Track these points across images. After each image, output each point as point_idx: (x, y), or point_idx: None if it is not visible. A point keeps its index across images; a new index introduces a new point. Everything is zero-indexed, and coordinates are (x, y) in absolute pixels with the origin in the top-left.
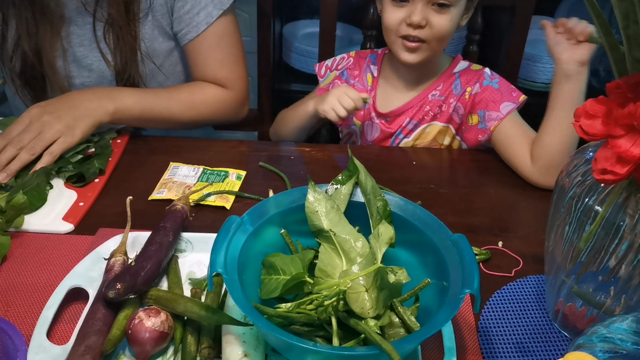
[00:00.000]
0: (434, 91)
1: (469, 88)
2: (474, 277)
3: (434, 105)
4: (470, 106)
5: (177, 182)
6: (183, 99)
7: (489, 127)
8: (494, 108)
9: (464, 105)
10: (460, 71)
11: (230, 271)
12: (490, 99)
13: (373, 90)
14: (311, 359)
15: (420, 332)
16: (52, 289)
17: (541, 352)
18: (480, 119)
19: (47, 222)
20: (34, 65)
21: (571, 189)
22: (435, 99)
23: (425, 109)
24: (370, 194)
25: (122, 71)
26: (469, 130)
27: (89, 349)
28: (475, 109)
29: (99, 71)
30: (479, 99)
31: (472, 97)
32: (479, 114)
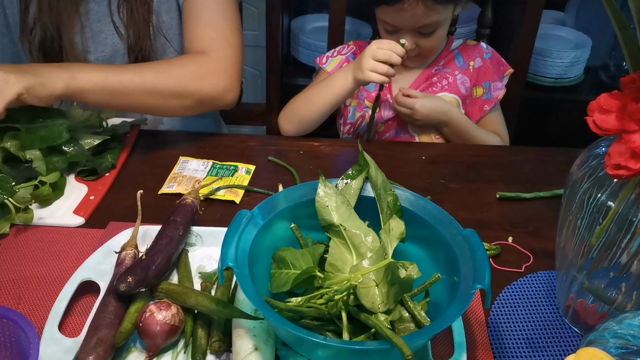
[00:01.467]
0: (435, 67)
1: (471, 62)
2: (485, 272)
3: (440, 78)
4: (475, 79)
5: (187, 176)
6: (156, 65)
7: (495, 96)
8: (496, 79)
9: (470, 78)
10: (457, 47)
11: (241, 265)
12: (491, 71)
13: None
14: (322, 353)
15: (431, 327)
16: (63, 282)
17: (551, 347)
18: (486, 90)
19: (58, 216)
20: (53, 38)
21: (583, 184)
22: (440, 71)
23: (432, 80)
24: (380, 189)
25: (135, 44)
26: (474, 103)
27: (100, 342)
28: (479, 81)
29: (112, 45)
30: (484, 71)
31: (476, 70)
32: (483, 86)
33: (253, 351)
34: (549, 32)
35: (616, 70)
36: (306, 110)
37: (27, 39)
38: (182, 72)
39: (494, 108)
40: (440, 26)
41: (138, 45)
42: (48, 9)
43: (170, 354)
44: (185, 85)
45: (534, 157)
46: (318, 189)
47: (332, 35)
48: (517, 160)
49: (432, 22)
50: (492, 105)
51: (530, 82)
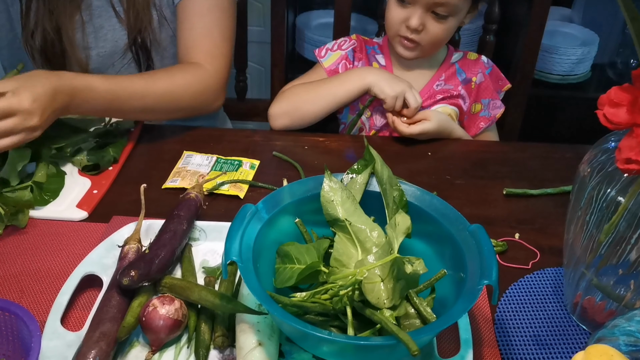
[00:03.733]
0: (437, 81)
1: (474, 78)
2: (492, 268)
3: (443, 92)
4: (475, 95)
5: (191, 170)
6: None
7: (493, 114)
8: (495, 97)
9: (469, 94)
10: (458, 61)
11: (245, 259)
12: (491, 88)
13: None
14: (326, 348)
15: (437, 324)
16: (66, 275)
17: (559, 345)
18: (484, 107)
19: (61, 210)
20: (54, 42)
21: (592, 179)
22: (441, 88)
23: (436, 98)
24: (386, 184)
25: (136, 31)
26: (471, 119)
27: (103, 336)
28: (479, 97)
29: (113, 41)
30: (484, 88)
31: (477, 86)
32: (482, 103)
33: (257, 346)
34: (556, 28)
35: (623, 67)
36: (312, 105)
37: (28, 43)
38: (183, 93)
39: (489, 127)
40: (455, 14)
41: (137, 27)
42: (48, 13)
43: (173, 348)
44: (183, 105)
45: (541, 153)
46: (323, 184)
47: (337, 31)
48: (524, 156)
49: (450, 2)
50: (488, 124)
51: (537, 79)
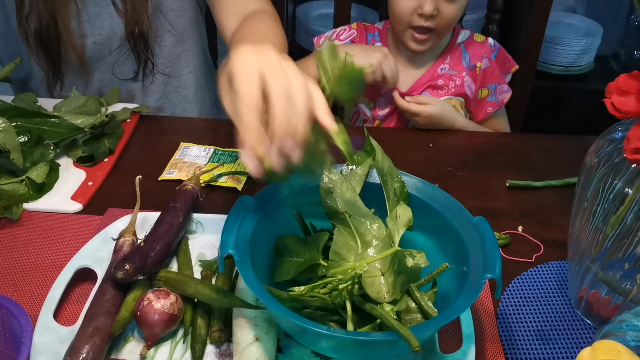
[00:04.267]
0: (442, 64)
1: (478, 63)
2: (496, 262)
3: (447, 79)
4: (481, 81)
5: (188, 162)
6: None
7: (500, 99)
8: (502, 81)
9: (475, 79)
10: (464, 42)
11: (241, 253)
12: (498, 72)
13: None
14: (325, 344)
15: (439, 319)
16: (59, 269)
17: (563, 340)
18: (491, 92)
19: (56, 202)
20: (49, 26)
21: (599, 170)
22: (445, 72)
23: (438, 84)
24: (387, 175)
25: (132, 18)
26: (478, 104)
27: (97, 331)
28: (485, 82)
29: (109, 28)
30: (490, 73)
31: (482, 72)
32: (489, 88)
33: (254, 341)
34: (560, 19)
35: (627, 58)
36: None
37: (23, 27)
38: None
39: (498, 111)
40: None
41: (134, 18)
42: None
43: (168, 343)
44: None
45: (544, 145)
46: (323, 175)
47: (337, 22)
48: (528, 148)
49: None
50: (496, 108)
51: (540, 71)
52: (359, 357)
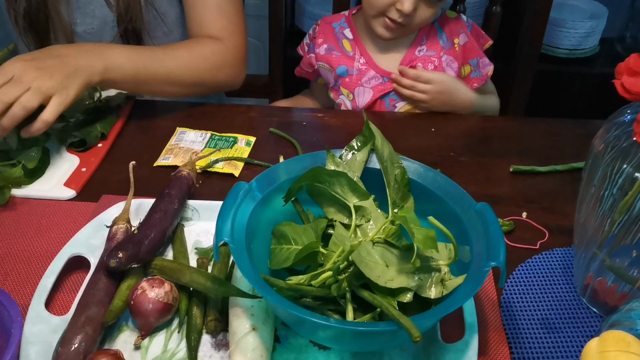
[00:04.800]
0: (419, 47)
1: (456, 40)
2: (500, 249)
3: (425, 61)
4: (461, 57)
5: (184, 148)
6: (180, 55)
7: (484, 73)
8: (482, 54)
9: (455, 57)
10: (438, 19)
11: (237, 240)
12: (476, 46)
13: (356, 53)
14: (323, 334)
15: (441, 308)
16: (52, 257)
17: (568, 328)
18: (474, 68)
19: (48, 188)
20: (38, 6)
21: (607, 155)
22: (424, 54)
23: (418, 67)
24: (387, 161)
25: (125, 14)
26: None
27: (89, 320)
28: (466, 59)
29: (101, 17)
30: (469, 48)
31: (462, 47)
32: (471, 64)
33: (250, 331)
34: (564, 1)
35: (632, 42)
36: None
37: (12, 7)
38: (203, 64)
39: (485, 85)
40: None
41: (128, 15)
42: None
43: (163, 333)
44: (204, 77)
45: (548, 129)
46: (327, 165)
47: (337, 4)
48: (531, 132)
49: None
50: (482, 83)
51: (544, 54)
52: (358, 347)
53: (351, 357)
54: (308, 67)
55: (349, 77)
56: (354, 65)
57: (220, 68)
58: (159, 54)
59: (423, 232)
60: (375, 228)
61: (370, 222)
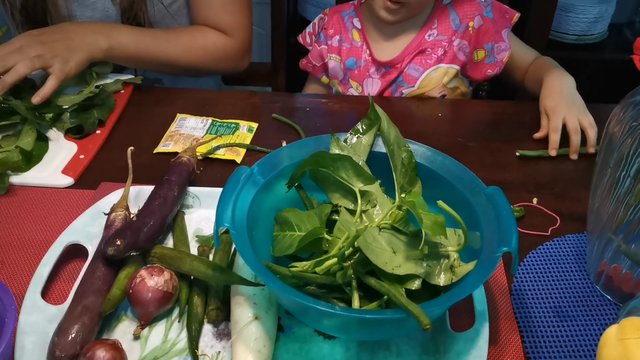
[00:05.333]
0: (429, 31)
1: (470, 23)
2: (512, 234)
3: (435, 46)
4: (475, 41)
5: (184, 134)
6: (182, 43)
7: (499, 59)
8: (499, 39)
9: (469, 41)
10: (451, 1)
11: (238, 226)
12: (493, 30)
13: (364, 44)
14: (329, 323)
15: (451, 295)
16: (48, 245)
17: (582, 316)
18: (488, 53)
19: (45, 176)
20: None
21: (623, 136)
22: (434, 39)
23: (426, 52)
24: (393, 145)
25: (129, 9)
26: (475, 68)
27: (86, 310)
28: (480, 43)
29: (103, 10)
30: (484, 31)
31: (476, 31)
32: (485, 48)
33: (253, 320)
34: None
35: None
36: None
37: (8, 0)
38: (203, 55)
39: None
40: None
41: (133, 10)
42: None
43: (163, 322)
44: (203, 66)
45: None
46: (331, 149)
47: None
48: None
49: None
50: (496, 70)
51: (552, 40)
52: (364, 336)
53: (357, 346)
54: (318, 59)
55: (357, 69)
56: (362, 57)
57: (221, 60)
58: (162, 40)
59: (431, 218)
60: (382, 213)
61: (376, 208)
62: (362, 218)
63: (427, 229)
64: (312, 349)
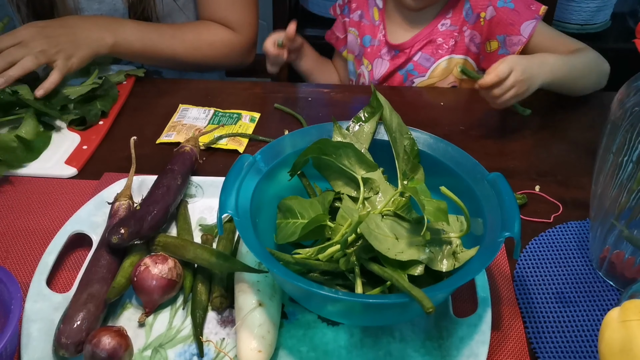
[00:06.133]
0: (443, 20)
1: (482, 13)
2: (515, 219)
3: (446, 37)
4: (487, 32)
5: (187, 124)
6: (188, 40)
7: (511, 52)
8: (513, 32)
9: (480, 32)
10: None
11: (242, 213)
12: (508, 22)
13: (381, 24)
14: (333, 308)
15: (454, 279)
16: (53, 235)
17: (584, 302)
18: (501, 45)
19: (49, 166)
20: None
21: (625, 121)
22: (446, 29)
23: (437, 42)
24: (395, 132)
25: (137, 2)
26: (488, 58)
27: (91, 297)
28: (493, 34)
29: (111, 3)
30: (496, 22)
31: (488, 22)
32: (498, 39)
33: (257, 307)
34: None
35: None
36: None
37: None
38: (209, 51)
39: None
40: None
41: (141, 5)
42: None
43: (168, 310)
44: (208, 62)
45: (560, 101)
46: (334, 137)
47: None
48: (543, 105)
49: None
50: None
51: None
52: (368, 321)
53: (361, 332)
54: (341, 31)
55: (370, 48)
56: (377, 36)
57: (227, 56)
58: (168, 36)
59: (434, 204)
60: (384, 200)
61: (378, 195)
62: (365, 205)
63: (430, 215)
64: (316, 335)
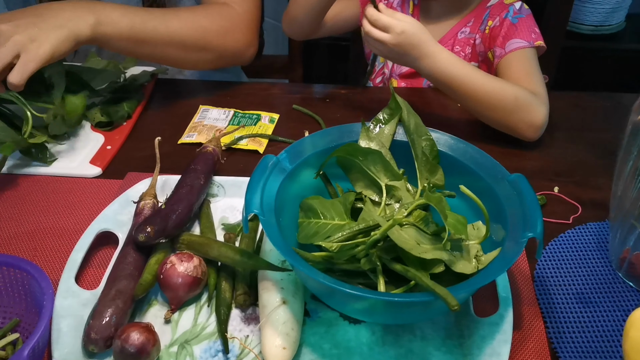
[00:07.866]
0: (463, 27)
1: (490, 22)
2: (537, 220)
3: (463, 45)
4: (488, 42)
5: (208, 125)
6: (182, 15)
7: (495, 63)
8: (500, 44)
9: (484, 41)
10: (493, 5)
11: (267, 212)
12: (502, 34)
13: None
14: (356, 306)
15: (477, 279)
16: (80, 233)
17: (604, 302)
18: (494, 56)
19: (74, 166)
20: None
21: None
22: (465, 36)
23: (455, 50)
24: (413, 134)
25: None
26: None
27: (119, 293)
28: (491, 44)
29: None
30: (495, 34)
31: (491, 30)
32: (493, 50)
33: (281, 304)
34: None
35: None
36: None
37: None
38: (208, 25)
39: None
40: None
41: None
42: None
43: (193, 307)
44: (209, 39)
45: (577, 102)
46: (360, 141)
47: None
48: (560, 106)
49: None
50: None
51: (569, 30)
52: (390, 319)
53: (382, 330)
54: None
55: None
56: None
57: (228, 32)
58: (158, 13)
59: (454, 217)
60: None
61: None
62: (386, 212)
63: (450, 227)
64: (338, 333)
